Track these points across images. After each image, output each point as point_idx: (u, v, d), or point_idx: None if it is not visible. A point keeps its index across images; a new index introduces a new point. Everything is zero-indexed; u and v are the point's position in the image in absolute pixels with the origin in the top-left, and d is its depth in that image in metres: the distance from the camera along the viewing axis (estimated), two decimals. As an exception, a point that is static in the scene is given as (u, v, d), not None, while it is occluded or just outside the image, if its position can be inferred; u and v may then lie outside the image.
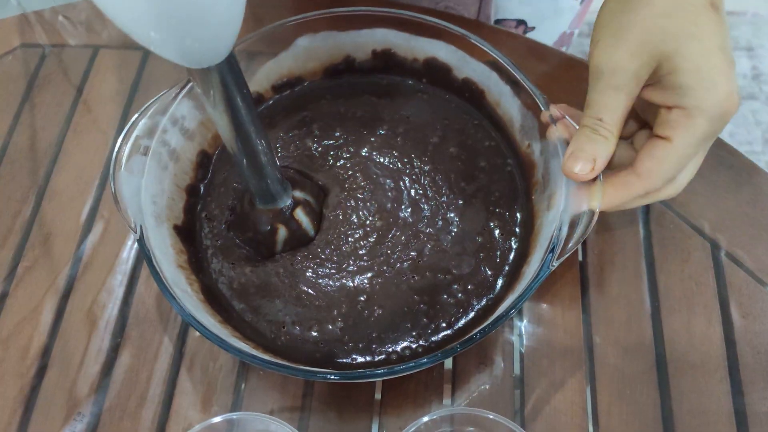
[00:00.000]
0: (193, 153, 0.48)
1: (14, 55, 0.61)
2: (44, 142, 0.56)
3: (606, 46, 0.37)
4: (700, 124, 0.36)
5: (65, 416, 0.45)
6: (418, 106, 0.51)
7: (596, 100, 0.38)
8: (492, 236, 0.45)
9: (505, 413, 0.43)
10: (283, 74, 0.51)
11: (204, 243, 0.47)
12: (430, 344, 0.42)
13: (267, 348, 0.41)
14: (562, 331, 0.46)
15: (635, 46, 0.36)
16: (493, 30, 0.59)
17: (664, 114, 0.37)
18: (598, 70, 0.37)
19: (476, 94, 0.49)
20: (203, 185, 0.49)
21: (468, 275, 0.43)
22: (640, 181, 0.38)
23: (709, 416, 0.43)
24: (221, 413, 0.43)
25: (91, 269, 0.50)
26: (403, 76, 0.52)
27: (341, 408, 0.44)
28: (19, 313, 0.48)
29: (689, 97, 0.36)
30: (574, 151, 0.39)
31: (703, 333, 0.46)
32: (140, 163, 0.43)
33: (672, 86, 0.36)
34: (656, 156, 0.38)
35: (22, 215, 0.52)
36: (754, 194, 0.50)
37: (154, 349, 0.47)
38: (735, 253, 0.48)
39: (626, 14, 0.37)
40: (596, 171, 0.39)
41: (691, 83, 0.35)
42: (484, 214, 0.46)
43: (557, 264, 0.38)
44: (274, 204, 0.43)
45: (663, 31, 0.35)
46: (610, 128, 0.38)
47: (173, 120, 0.45)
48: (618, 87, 0.37)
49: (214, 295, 0.44)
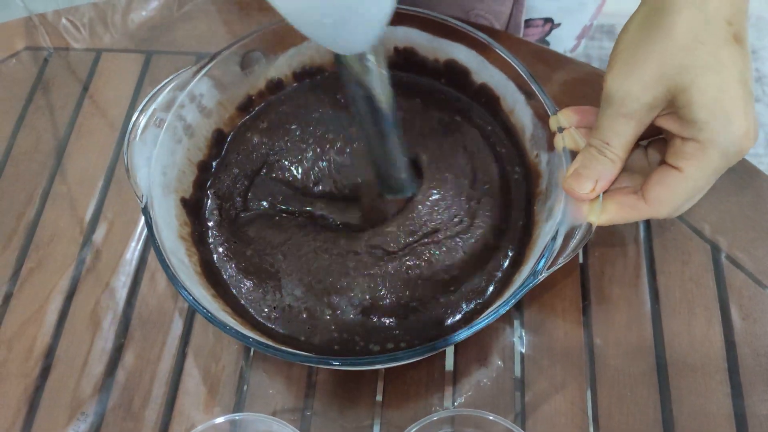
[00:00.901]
0: (209, 130, 0.49)
1: (18, 58, 0.61)
2: (48, 145, 0.56)
3: (620, 73, 0.36)
4: (713, 159, 0.36)
5: (69, 416, 0.45)
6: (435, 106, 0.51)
7: (605, 126, 0.38)
8: (490, 241, 0.45)
9: (505, 414, 0.44)
10: (305, 63, 0.52)
11: (208, 218, 0.47)
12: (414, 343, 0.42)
13: (256, 328, 0.41)
14: (562, 333, 0.46)
15: (650, 78, 0.35)
16: (507, 37, 0.59)
17: (678, 144, 0.37)
18: (610, 96, 0.37)
19: (492, 100, 0.49)
20: (215, 163, 0.50)
21: (461, 277, 0.43)
22: (647, 208, 0.38)
23: (709, 418, 0.43)
24: (224, 414, 0.44)
25: (94, 270, 0.50)
26: (423, 75, 0.52)
27: (343, 409, 0.44)
28: (24, 314, 0.49)
29: (704, 132, 0.35)
30: (577, 168, 0.39)
31: (704, 335, 0.46)
32: (155, 135, 0.44)
33: (687, 119, 0.35)
34: (667, 185, 0.37)
35: (26, 217, 0.53)
36: (755, 197, 0.50)
37: (157, 350, 0.47)
38: (735, 256, 0.48)
39: (644, 43, 0.36)
40: (596, 192, 0.39)
41: (707, 118, 0.35)
42: (487, 219, 0.46)
43: (546, 274, 0.38)
44: (403, 194, 0.45)
45: (681, 65, 0.35)
46: (617, 152, 0.38)
47: (191, 96, 0.46)
48: (628, 115, 0.37)
49: (212, 271, 0.45)
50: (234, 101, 0.50)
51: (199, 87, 0.46)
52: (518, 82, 0.46)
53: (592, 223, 0.39)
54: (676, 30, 0.35)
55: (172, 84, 0.45)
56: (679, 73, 0.35)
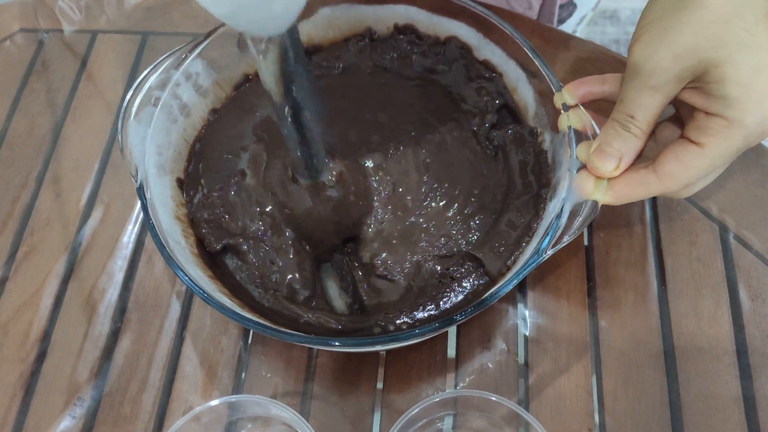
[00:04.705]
0: (205, 110, 0.48)
1: (13, 40, 0.60)
2: (43, 128, 0.55)
3: (649, 42, 0.35)
4: (737, 138, 0.35)
5: (65, 401, 0.44)
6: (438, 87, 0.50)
7: (631, 98, 0.36)
8: (493, 220, 0.44)
9: (509, 397, 0.43)
10: (303, 41, 0.51)
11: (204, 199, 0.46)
12: (415, 322, 0.41)
13: (254, 309, 0.41)
14: (567, 315, 0.46)
15: (683, 49, 0.34)
16: (511, 15, 0.58)
17: (701, 119, 0.35)
18: (637, 67, 0.35)
19: (495, 78, 0.48)
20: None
21: (466, 256, 0.42)
22: (659, 183, 0.37)
23: (717, 401, 0.42)
24: (222, 397, 0.43)
25: (90, 254, 0.49)
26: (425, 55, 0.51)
27: (343, 392, 0.44)
28: (19, 299, 0.48)
29: (733, 110, 0.34)
30: (600, 144, 0.38)
31: (711, 316, 0.45)
32: (150, 114, 0.43)
33: (717, 95, 0.34)
34: (683, 160, 0.36)
35: (21, 200, 0.52)
36: (763, 176, 0.49)
37: (154, 334, 0.46)
38: (743, 235, 0.47)
39: (677, 13, 0.34)
40: (620, 169, 0.38)
41: (739, 96, 0.33)
42: (491, 198, 0.45)
43: (551, 252, 0.37)
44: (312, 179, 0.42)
45: (716, 38, 0.33)
46: (642, 126, 0.37)
47: (186, 75, 0.45)
48: (656, 87, 0.35)
49: (209, 251, 0.44)
50: (230, 80, 0.49)
51: (194, 66, 0.45)
52: (519, 58, 0.45)
53: (598, 201, 0.38)
54: (712, 2, 0.33)
55: (168, 62, 0.44)
56: (714, 47, 0.33)
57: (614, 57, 0.54)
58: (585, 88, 0.41)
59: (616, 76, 0.41)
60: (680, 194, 0.39)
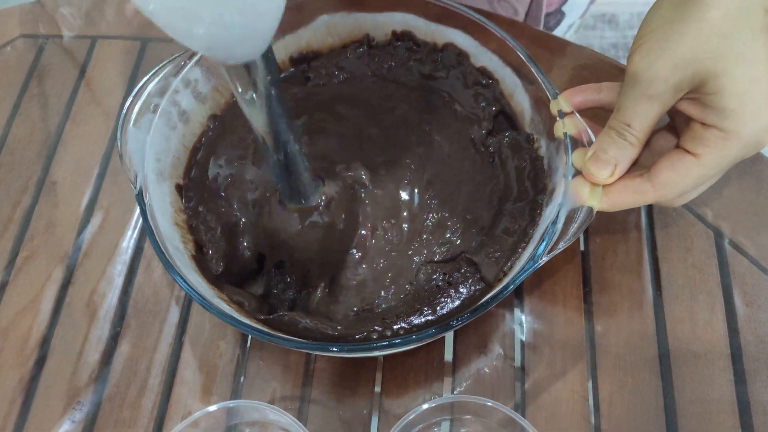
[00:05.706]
0: (204, 116, 0.49)
1: (13, 45, 0.60)
2: (43, 133, 0.56)
3: (649, 52, 0.35)
4: (733, 149, 0.35)
5: (65, 406, 0.44)
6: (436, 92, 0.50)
7: (628, 107, 0.37)
8: (490, 226, 0.44)
9: (505, 402, 0.43)
10: (302, 47, 0.51)
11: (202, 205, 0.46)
12: (412, 328, 0.41)
13: (251, 316, 0.41)
14: (563, 320, 0.46)
15: (682, 59, 0.34)
16: (507, 22, 0.58)
17: (697, 129, 0.36)
18: (636, 76, 0.36)
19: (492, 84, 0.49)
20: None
21: (462, 262, 0.43)
22: (654, 191, 0.38)
23: (712, 405, 0.43)
24: (221, 402, 0.43)
25: (90, 259, 0.50)
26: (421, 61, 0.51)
27: (341, 397, 0.44)
28: (19, 303, 0.48)
29: (730, 121, 0.34)
30: (596, 152, 0.38)
31: (706, 321, 0.45)
32: (149, 121, 0.43)
33: (714, 106, 0.35)
34: (679, 170, 0.37)
35: (21, 205, 0.52)
36: (758, 182, 0.50)
37: (153, 339, 0.46)
38: (738, 241, 0.48)
39: (678, 24, 0.35)
40: (615, 176, 0.38)
41: (736, 107, 0.34)
42: (487, 204, 0.45)
43: (547, 258, 0.38)
44: (306, 203, 0.42)
45: (715, 50, 0.34)
46: (638, 135, 0.37)
47: (185, 82, 0.45)
48: (654, 96, 0.36)
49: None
50: (229, 87, 0.50)
51: (193, 72, 0.46)
52: (515, 65, 0.46)
53: (593, 208, 0.38)
54: (712, 14, 0.34)
55: (167, 69, 0.44)
56: (712, 59, 0.34)
57: (611, 63, 0.55)
58: (581, 96, 0.42)
59: (612, 84, 0.42)
60: (675, 203, 0.40)
